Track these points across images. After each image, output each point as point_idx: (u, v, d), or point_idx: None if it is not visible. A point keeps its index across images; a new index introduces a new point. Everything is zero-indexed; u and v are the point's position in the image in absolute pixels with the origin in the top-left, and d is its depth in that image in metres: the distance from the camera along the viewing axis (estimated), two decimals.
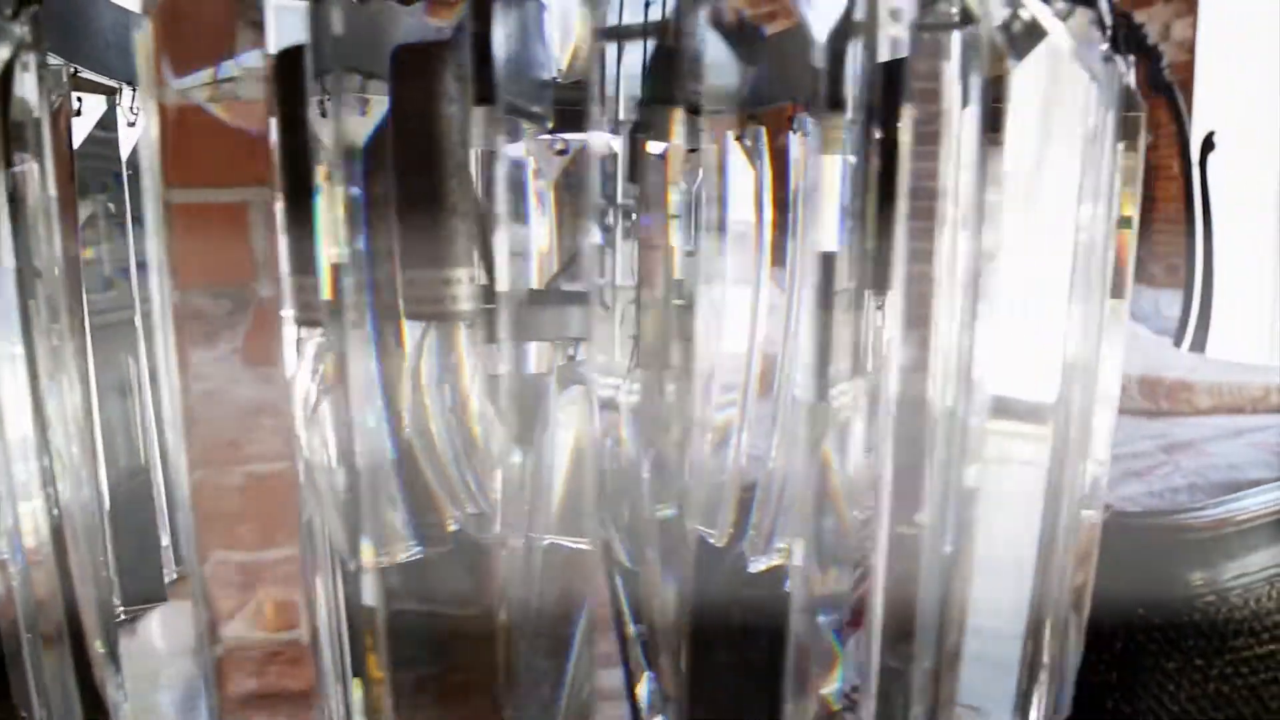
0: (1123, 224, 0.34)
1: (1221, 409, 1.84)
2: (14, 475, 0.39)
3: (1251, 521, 1.02)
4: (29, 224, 0.36)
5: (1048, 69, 0.29)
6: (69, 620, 0.41)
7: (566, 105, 0.40)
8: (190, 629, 0.39)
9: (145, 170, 0.28)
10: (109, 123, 0.53)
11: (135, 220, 0.52)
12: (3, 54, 0.36)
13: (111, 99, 0.53)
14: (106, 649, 0.40)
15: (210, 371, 0.32)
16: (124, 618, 0.51)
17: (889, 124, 0.28)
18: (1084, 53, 0.30)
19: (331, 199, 0.26)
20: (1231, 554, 1.00)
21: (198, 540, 0.30)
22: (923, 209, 0.29)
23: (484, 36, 0.26)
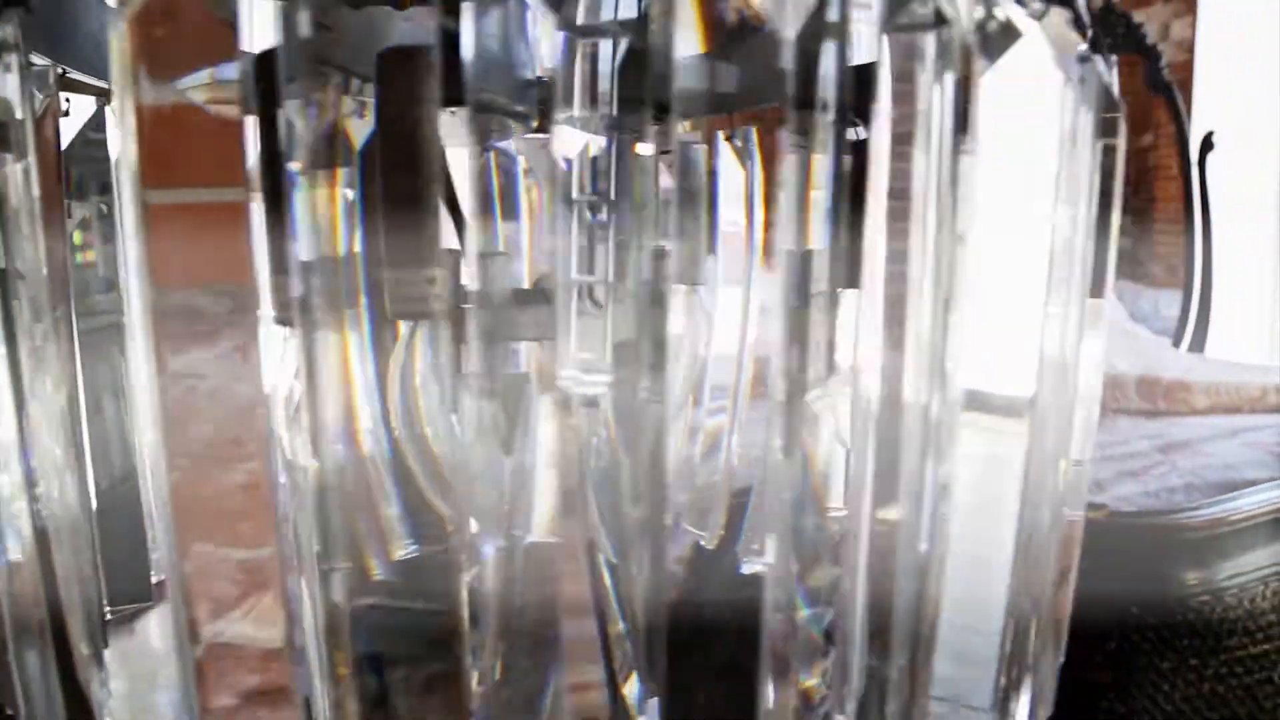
0: (1102, 224, 0.34)
1: (1219, 409, 1.84)
2: None
3: (1246, 521, 1.02)
4: (11, 225, 0.37)
5: (1021, 70, 0.29)
6: (54, 621, 0.41)
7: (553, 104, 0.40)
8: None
9: (123, 171, 0.28)
10: (102, 124, 0.53)
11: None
12: None
13: (101, 100, 0.53)
14: (91, 649, 0.40)
15: (211, 370, 0.32)
16: (111, 617, 0.51)
17: (861, 124, 0.28)
18: (1059, 53, 0.30)
19: (305, 199, 0.26)
20: (1226, 554, 1.00)
21: (177, 539, 0.30)
22: (897, 209, 0.29)
23: (452, 36, 0.26)
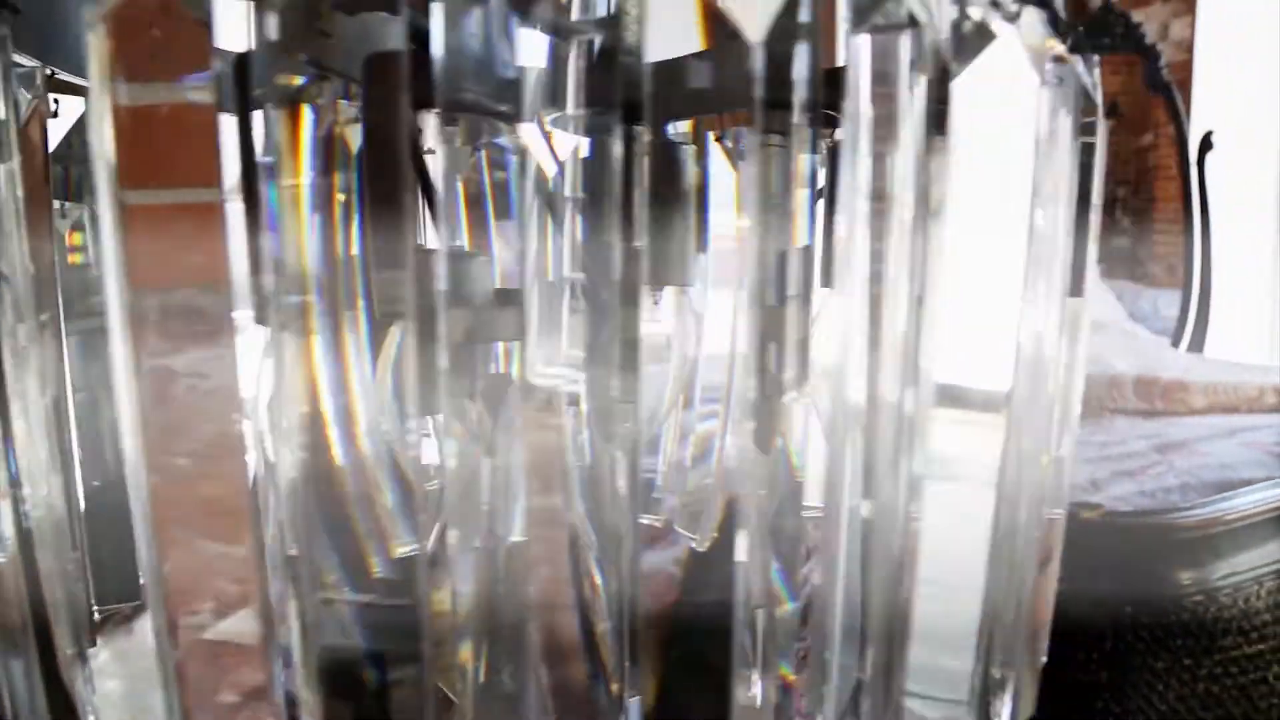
0: (1080, 224, 0.34)
1: (1217, 409, 1.84)
2: None
3: (1241, 521, 1.02)
4: None
5: (996, 71, 0.29)
6: (40, 621, 0.41)
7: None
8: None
9: (100, 172, 0.28)
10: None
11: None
12: None
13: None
14: (76, 649, 0.41)
15: (211, 369, 0.32)
16: (105, 617, 0.51)
17: (835, 125, 0.28)
18: (1034, 54, 0.30)
19: (282, 200, 0.27)
20: (1220, 553, 1.00)
21: (157, 540, 0.30)
22: (872, 209, 0.29)
23: (422, 36, 0.26)
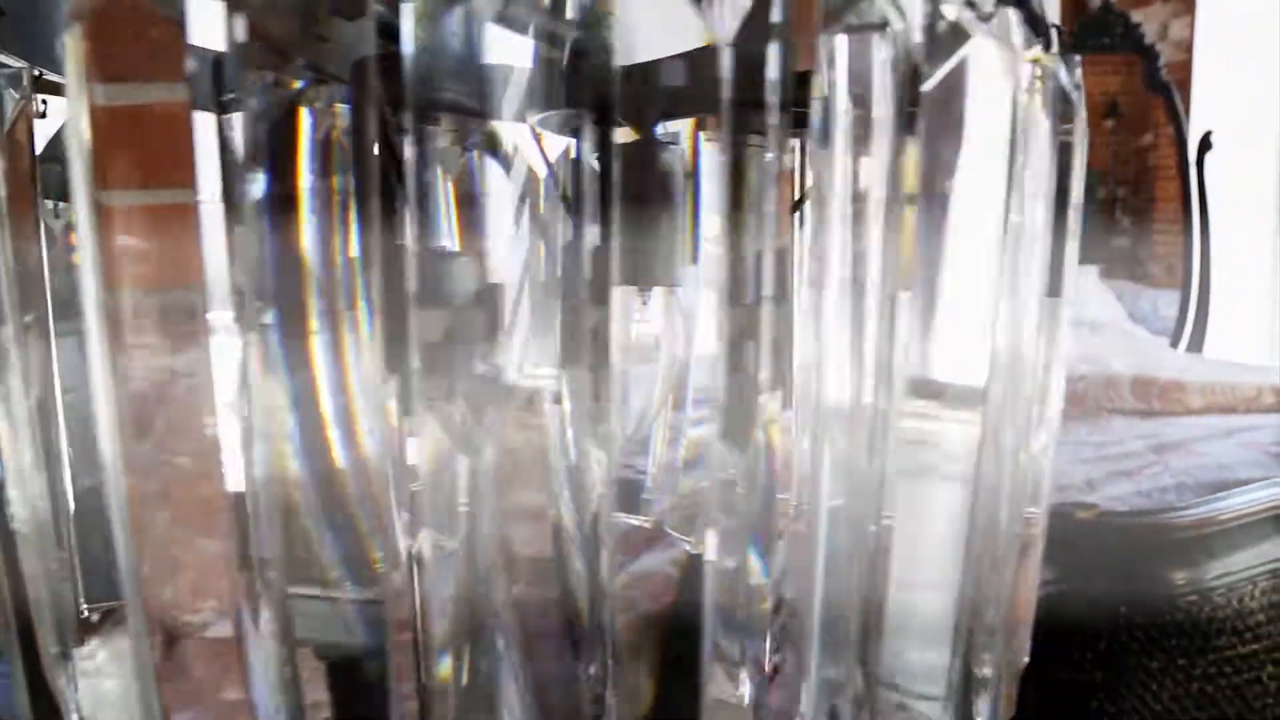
0: (1059, 223, 0.34)
1: (1214, 409, 1.84)
2: None
3: (1234, 521, 1.02)
4: None
5: (970, 71, 0.29)
6: (25, 621, 0.41)
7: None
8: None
9: (77, 172, 0.28)
10: None
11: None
12: None
13: None
14: (60, 648, 0.41)
15: (189, 370, 0.32)
16: (97, 616, 0.51)
17: (802, 125, 0.28)
18: (1009, 54, 0.30)
19: (259, 202, 0.27)
20: (1214, 553, 1.00)
21: (135, 545, 0.30)
22: (848, 208, 0.29)
23: (393, 35, 0.26)
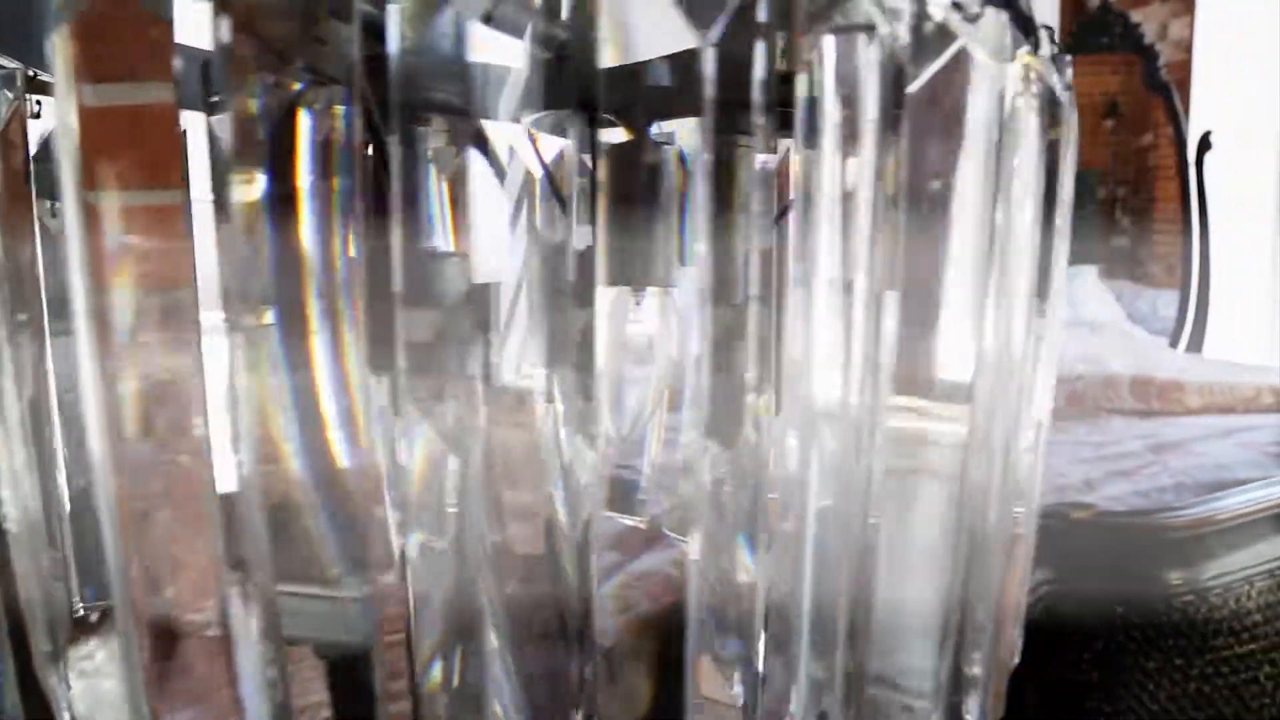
0: (1046, 223, 0.34)
1: (1213, 409, 1.84)
2: None
3: (1232, 521, 1.02)
4: None
5: (956, 72, 0.29)
6: (13, 620, 0.42)
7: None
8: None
9: (66, 172, 0.29)
10: None
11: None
12: None
13: None
14: (51, 647, 0.41)
15: (178, 370, 0.32)
16: (84, 615, 0.51)
17: (787, 126, 0.28)
18: (996, 55, 0.30)
19: (243, 201, 0.27)
20: (1211, 553, 1.00)
21: (123, 545, 0.30)
22: (833, 208, 0.29)
23: (378, 33, 0.26)
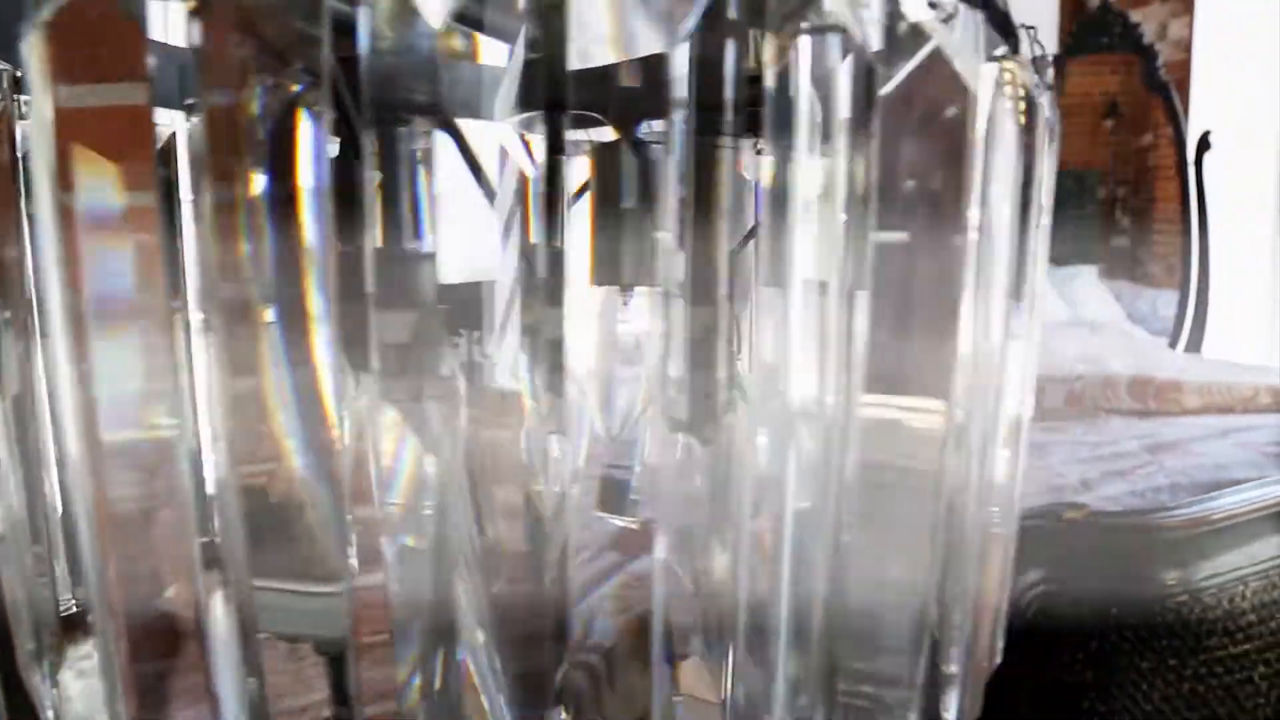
0: (1022, 225, 0.34)
1: (1211, 409, 1.84)
2: None
3: (1226, 521, 1.02)
4: None
5: (930, 72, 0.29)
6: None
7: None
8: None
9: (39, 175, 0.29)
10: None
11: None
12: None
13: None
14: (35, 646, 0.41)
15: (151, 370, 0.32)
16: (81, 615, 0.51)
17: (754, 125, 0.28)
18: (971, 55, 0.30)
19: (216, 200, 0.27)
20: (1205, 554, 1.00)
21: (100, 548, 0.30)
22: (805, 209, 0.29)
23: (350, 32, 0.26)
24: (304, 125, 0.31)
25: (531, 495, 0.42)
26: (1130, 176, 3.20)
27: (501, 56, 0.39)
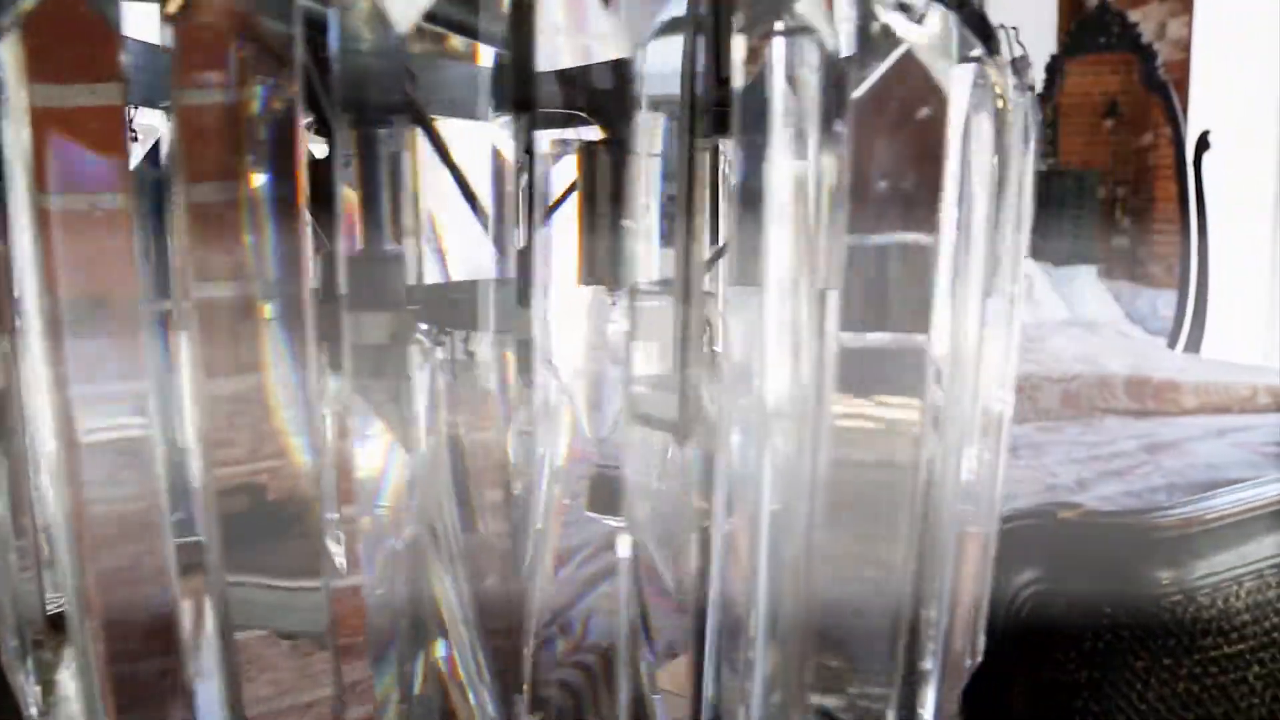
0: (997, 225, 0.34)
1: (1208, 409, 1.83)
2: None
3: (1220, 521, 1.02)
4: None
5: (903, 73, 0.29)
6: None
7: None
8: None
9: (16, 175, 0.29)
10: None
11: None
12: None
13: None
14: (19, 644, 0.41)
15: (125, 370, 0.32)
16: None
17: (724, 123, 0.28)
18: (942, 58, 0.30)
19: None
20: (1200, 553, 1.00)
21: (77, 550, 0.31)
22: (779, 208, 0.29)
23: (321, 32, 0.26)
24: (283, 126, 0.32)
25: (511, 494, 0.42)
26: (1129, 176, 3.20)
27: (489, 57, 0.39)
